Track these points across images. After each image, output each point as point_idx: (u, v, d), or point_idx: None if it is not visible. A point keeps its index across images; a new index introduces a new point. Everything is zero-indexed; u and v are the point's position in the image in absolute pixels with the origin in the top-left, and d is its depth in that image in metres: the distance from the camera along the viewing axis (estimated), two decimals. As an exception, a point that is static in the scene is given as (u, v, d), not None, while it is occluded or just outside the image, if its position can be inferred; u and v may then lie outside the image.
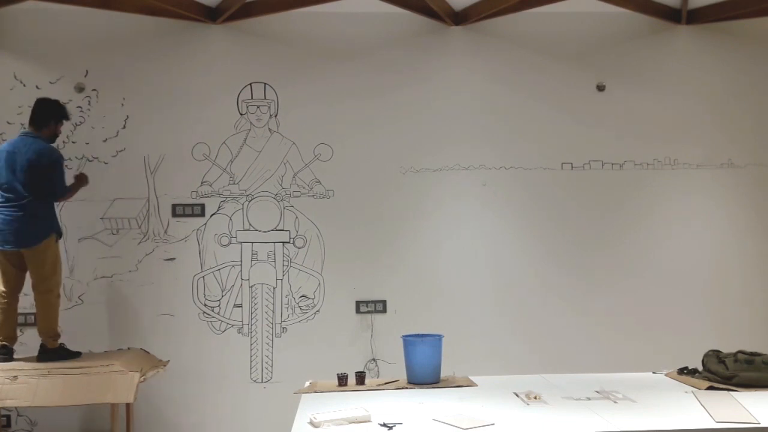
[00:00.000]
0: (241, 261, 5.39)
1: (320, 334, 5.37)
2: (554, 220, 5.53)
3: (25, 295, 5.10)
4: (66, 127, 5.00)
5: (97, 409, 4.68)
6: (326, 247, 5.42)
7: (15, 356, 4.64)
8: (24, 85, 5.25)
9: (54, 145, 4.69)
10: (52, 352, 4.62)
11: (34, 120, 4.64)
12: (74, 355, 4.67)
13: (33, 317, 4.93)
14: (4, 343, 4.61)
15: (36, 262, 4.58)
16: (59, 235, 4.70)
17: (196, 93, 5.37)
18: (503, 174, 5.53)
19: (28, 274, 4.67)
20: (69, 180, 4.79)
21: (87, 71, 5.30)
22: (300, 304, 5.41)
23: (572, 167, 5.56)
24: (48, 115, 4.64)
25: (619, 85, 5.60)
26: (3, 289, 4.63)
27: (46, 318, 4.63)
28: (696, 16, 5.59)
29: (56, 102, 4.75)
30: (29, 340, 4.88)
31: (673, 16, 5.61)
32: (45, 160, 4.54)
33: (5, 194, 4.54)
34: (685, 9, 5.54)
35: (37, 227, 4.54)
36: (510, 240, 5.52)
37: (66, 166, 4.80)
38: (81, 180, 4.88)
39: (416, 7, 5.31)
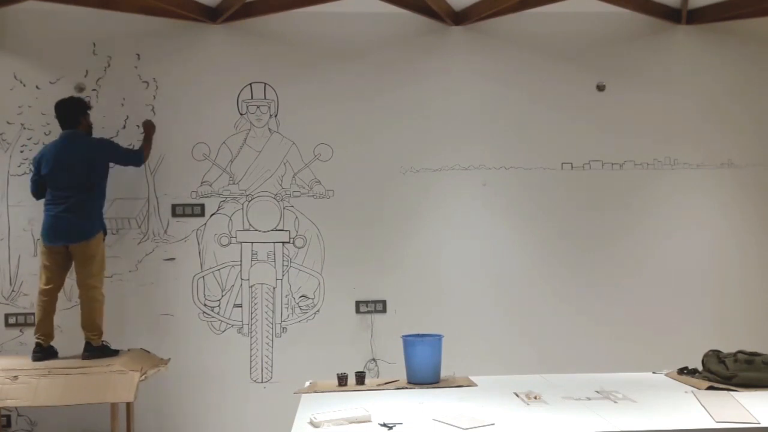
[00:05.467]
0: (241, 261, 5.39)
1: (320, 334, 5.37)
2: (554, 220, 5.53)
3: (25, 295, 5.14)
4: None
5: (97, 409, 4.68)
6: (326, 247, 5.42)
7: (31, 355, 4.68)
8: (24, 85, 5.24)
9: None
10: (97, 350, 4.68)
11: (67, 121, 4.82)
12: (114, 353, 4.75)
13: (32, 317, 4.94)
14: (40, 341, 4.67)
15: (85, 258, 4.70)
16: (105, 232, 4.89)
17: (195, 93, 5.37)
18: (503, 174, 5.53)
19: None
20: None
21: (87, 71, 5.29)
22: (300, 304, 5.41)
23: (572, 167, 5.56)
24: (76, 112, 4.85)
25: (619, 85, 5.59)
26: (45, 287, 4.72)
27: (91, 314, 4.71)
28: (696, 16, 5.59)
29: (73, 98, 4.95)
30: (29, 340, 4.87)
31: (673, 16, 5.61)
32: (101, 148, 4.86)
33: (56, 192, 4.72)
34: (685, 9, 5.54)
35: (88, 223, 4.72)
36: (510, 240, 5.52)
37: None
38: (148, 128, 5.17)
39: (416, 7, 5.30)
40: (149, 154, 5.15)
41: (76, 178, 4.70)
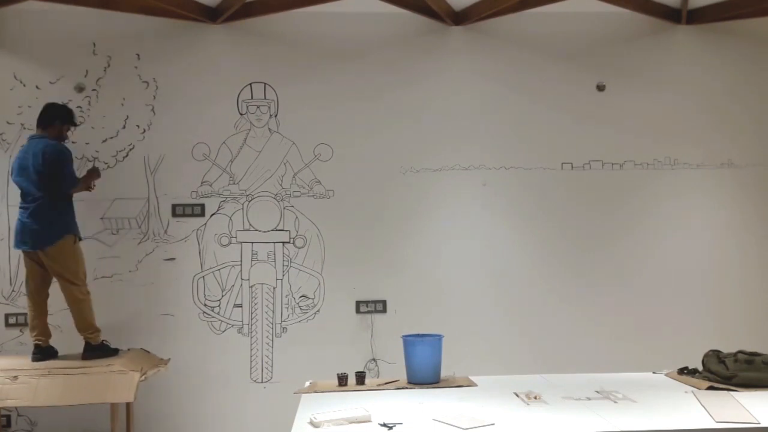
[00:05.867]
0: (241, 261, 5.39)
1: (320, 334, 5.37)
2: (554, 220, 5.53)
3: (26, 295, 5.14)
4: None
5: (97, 409, 4.68)
6: (326, 247, 5.42)
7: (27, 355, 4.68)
8: (24, 85, 5.24)
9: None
10: (97, 348, 4.68)
11: (39, 121, 4.75)
12: (114, 352, 4.74)
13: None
14: (38, 341, 4.67)
15: (54, 263, 4.64)
16: (78, 236, 4.75)
17: (195, 93, 5.37)
18: (503, 174, 5.53)
19: None
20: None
21: (87, 71, 5.30)
22: (300, 304, 5.41)
23: (572, 167, 5.56)
24: (53, 115, 4.75)
25: (619, 85, 5.60)
26: (28, 287, 4.72)
27: (80, 315, 4.70)
28: (696, 16, 5.59)
29: (65, 106, 4.89)
30: (29, 339, 4.86)
31: (673, 16, 5.61)
32: (51, 156, 4.62)
33: (22, 197, 4.66)
34: (685, 9, 5.54)
35: (50, 229, 4.61)
36: (510, 240, 5.52)
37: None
38: (92, 174, 4.99)
39: (416, 7, 5.31)
40: (79, 191, 4.84)
41: (33, 184, 4.59)
